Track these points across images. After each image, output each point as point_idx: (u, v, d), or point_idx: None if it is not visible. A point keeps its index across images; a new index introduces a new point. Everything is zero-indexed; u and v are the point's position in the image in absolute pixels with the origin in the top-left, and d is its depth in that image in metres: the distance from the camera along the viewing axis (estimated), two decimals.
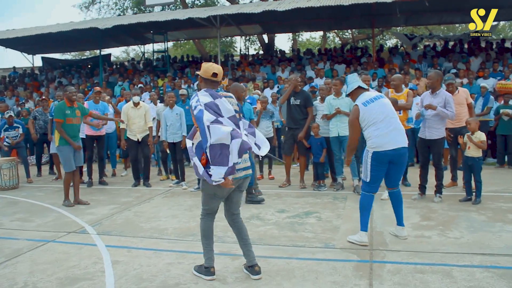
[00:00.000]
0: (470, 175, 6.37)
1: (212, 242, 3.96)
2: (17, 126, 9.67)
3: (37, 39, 17.24)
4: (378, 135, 4.49)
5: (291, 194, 7.22)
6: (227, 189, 3.72)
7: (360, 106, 4.60)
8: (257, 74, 14.87)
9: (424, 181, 6.66)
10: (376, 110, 4.55)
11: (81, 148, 7.14)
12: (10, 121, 9.57)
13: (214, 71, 3.76)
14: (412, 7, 14.41)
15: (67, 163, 7.02)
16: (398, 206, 4.82)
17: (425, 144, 6.57)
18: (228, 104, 3.66)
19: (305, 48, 22.75)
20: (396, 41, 25.03)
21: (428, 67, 14.14)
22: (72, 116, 7.06)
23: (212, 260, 3.91)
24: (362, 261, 4.15)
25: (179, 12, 16.80)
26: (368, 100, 4.61)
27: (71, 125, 7.04)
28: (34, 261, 4.52)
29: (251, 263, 3.89)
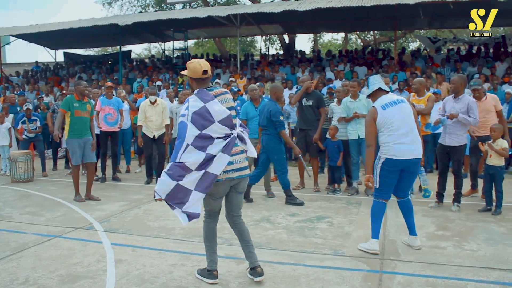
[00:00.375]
0: (491, 185, 6.09)
1: (215, 244, 3.86)
2: (35, 119, 9.72)
3: (59, 34, 17.42)
4: (394, 142, 4.31)
5: (304, 197, 7.03)
6: (222, 188, 3.67)
7: (378, 108, 4.41)
8: (276, 74, 14.73)
9: (442, 189, 6.40)
10: (394, 114, 4.35)
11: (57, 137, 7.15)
12: (28, 113, 9.62)
13: (203, 68, 3.63)
14: (436, 9, 14.09)
15: (74, 156, 7.02)
16: (408, 215, 4.62)
17: (444, 150, 6.30)
18: (219, 105, 3.56)
19: (326, 50, 22.51)
20: (419, 44, 24.57)
21: (451, 71, 13.80)
22: (81, 109, 7.04)
23: (215, 263, 3.80)
24: (371, 271, 3.98)
25: (199, 10, 16.76)
26: (387, 104, 4.41)
27: (80, 117, 7.02)
28: (38, 256, 4.48)
29: (253, 264, 3.78)
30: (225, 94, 3.72)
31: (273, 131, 6.57)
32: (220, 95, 3.66)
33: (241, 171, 3.69)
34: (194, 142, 3.46)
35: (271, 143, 6.63)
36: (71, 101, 7.02)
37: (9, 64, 28.56)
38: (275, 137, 6.60)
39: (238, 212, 3.88)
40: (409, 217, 4.61)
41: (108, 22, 15.86)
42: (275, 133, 6.57)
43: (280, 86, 6.90)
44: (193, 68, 3.64)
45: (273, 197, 7.18)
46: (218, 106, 3.55)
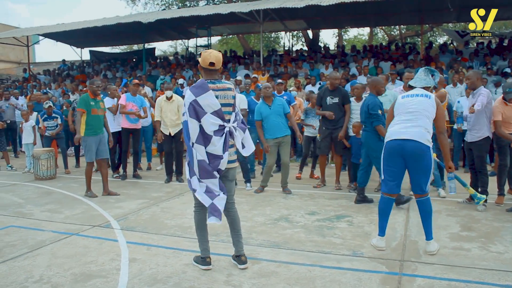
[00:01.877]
0: None
1: (206, 233, 4.08)
2: (56, 117, 9.80)
3: (84, 33, 17.67)
4: (392, 125, 4.45)
5: (324, 196, 6.91)
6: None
7: (398, 97, 4.66)
8: (299, 70, 14.57)
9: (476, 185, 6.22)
10: (407, 104, 4.43)
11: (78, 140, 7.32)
12: (49, 111, 9.72)
13: (211, 60, 3.78)
14: (464, 1, 13.66)
15: (88, 153, 7.13)
16: (424, 217, 4.33)
17: (468, 147, 6.33)
18: (212, 98, 3.70)
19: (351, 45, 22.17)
20: (446, 38, 23.96)
21: (480, 65, 13.37)
22: (97, 108, 7.14)
23: (207, 251, 4.03)
24: (390, 273, 3.82)
25: (222, 7, 16.71)
26: (408, 95, 4.52)
27: (97, 116, 7.12)
28: (54, 254, 4.48)
29: (239, 253, 4.02)
30: (226, 91, 3.84)
31: (371, 127, 6.22)
32: (221, 90, 3.81)
33: (230, 164, 3.92)
34: (197, 140, 3.74)
35: (370, 140, 6.27)
36: (87, 100, 7.11)
37: (38, 63, 29.19)
38: (373, 134, 6.24)
39: (231, 199, 4.06)
40: (425, 219, 4.32)
41: (131, 20, 15.96)
42: (373, 130, 6.22)
43: (379, 79, 6.57)
44: (203, 57, 3.81)
45: (290, 194, 7.07)
46: (211, 99, 3.70)
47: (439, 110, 4.38)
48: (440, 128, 4.42)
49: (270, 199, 6.75)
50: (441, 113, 4.39)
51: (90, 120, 7.04)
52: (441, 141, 4.44)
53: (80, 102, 7.18)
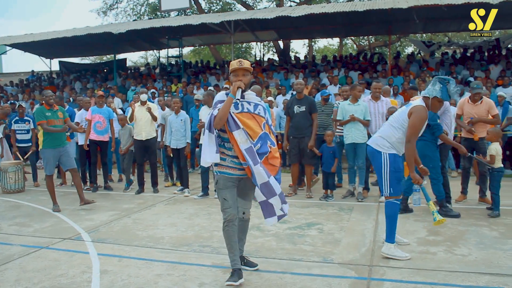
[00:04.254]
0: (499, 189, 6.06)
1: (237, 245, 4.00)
2: (28, 120, 9.61)
3: (54, 43, 17.46)
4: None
5: (295, 204, 6.99)
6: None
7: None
8: (270, 80, 14.71)
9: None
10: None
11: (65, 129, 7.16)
12: (21, 111, 9.53)
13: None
14: (429, 13, 14.09)
15: (47, 166, 7.04)
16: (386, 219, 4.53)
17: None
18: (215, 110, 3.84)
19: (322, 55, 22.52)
20: (414, 48, 24.61)
21: (446, 74, 13.79)
22: (54, 118, 7.04)
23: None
24: (359, 278, 3.91)
25: (193, 18, 16.76)
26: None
27: (54, 126, 7.01)
28: (23, 268, 4.41)
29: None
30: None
31: (429, 136, 6.07)
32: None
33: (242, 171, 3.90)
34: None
35: (427, 150, 6.11)
36: (43, 111, 7.01)
37: (5, 74, 28.56)
38: (431, 143, 6.15)
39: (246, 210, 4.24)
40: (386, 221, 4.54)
41: (102, 31, 15.86)
42: (431, 139, 6.11)
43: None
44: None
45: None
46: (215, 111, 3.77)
47: (410, 120, 4.39)
48: (406, 137, 4.41)
49: None
50: (410, 122, 4.37)
51: (47, 132, 6.96)
52: (405, 149, 4.44)
53: (36, 115, 7.05)
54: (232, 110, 3.73)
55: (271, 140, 3.86)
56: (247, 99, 3.85)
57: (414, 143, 4.39)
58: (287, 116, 7.67)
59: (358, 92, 7.31)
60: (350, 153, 7.27)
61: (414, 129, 4.35)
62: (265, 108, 3.96)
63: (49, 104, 7.07)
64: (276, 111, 10.86)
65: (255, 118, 3.81)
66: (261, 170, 3.67)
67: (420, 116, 4.35)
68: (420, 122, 4.36)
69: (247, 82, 3.81)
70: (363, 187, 7.32)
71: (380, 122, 7.25)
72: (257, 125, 3.77)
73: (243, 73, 3.79)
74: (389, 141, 4.45)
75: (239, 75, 3.78)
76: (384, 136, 4.51)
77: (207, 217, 6.32)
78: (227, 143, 3.83)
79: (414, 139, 4.38)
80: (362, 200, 7.09)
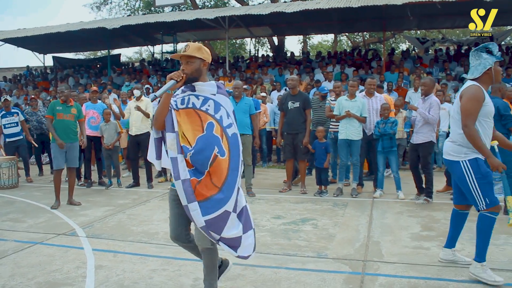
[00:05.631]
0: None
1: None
2: (15, 112, 9.52)
3: (47, 38, 17.36)
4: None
5: (290, 200, 7.02)
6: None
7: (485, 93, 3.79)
8: (264, 76, 14.71)
9: (419, 182, 6.84)
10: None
11: (63, 145, 6.90)
12: (6, 105, 9.44)
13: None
14: (424, 10, 14.12)
15: (55, 160, 6.97)
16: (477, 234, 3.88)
17: (413, 148, 6.82)
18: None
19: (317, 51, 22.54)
20: (408, 45, 24.67)
21: (440, 71, 13.86)
22: (64, 112, 7.00)
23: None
24: (353, 273, 3.94)
25: (187, 13, 16.72)
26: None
27: (62, 120, 6.96)
28: (17, 263, 4.40)
29: None
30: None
31: (504, 130, 5.71)
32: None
33: None
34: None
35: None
36: (54, 105, 7.02)
37: None
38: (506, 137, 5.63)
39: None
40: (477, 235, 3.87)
41: (96, 26, 15.78)
42: (506, 132, 5.77)
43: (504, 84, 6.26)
44: (208, 51, 3.19)
45: (254, 197, 7.24)
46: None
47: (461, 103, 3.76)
48: (462, 123, 3.71)
49: None
50: (462, 105, 3.73)
51: (55, 125, 6.94)
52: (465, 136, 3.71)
53: (48, 109, 7.15)
54: (176, 106, 3.06)
55: (221, 147, 3.01)
56: (198, 91, 3.10)
57: (472, 126, 3.63)
58: (281, 112, 7.68)
59: (350, 86, 7.29)
60: (343, 149, 7.26)
61: (467, 112, 3.65)
62: (221, 104, 3.12)
63: (62, 99, 7.04)
64: (270, 107, 10.88)
65: (198, 115, 3.04)
66: (182, 189, 2.90)
67: (471, 95, 3.67)
68: (471, 102, 3.65)
69: (191, 70, 3.05)
70: (357, 183, 7.35)
71: (374, 118, 7.28)
72: (197, 125, 3.00)
73: (186, 60, 3.06)
74: (462, 143, 3.78)
75: (183, 63, 3.08)
76: (454, 139, 3.88)
77: None
78: None
79: (471, 123, 3.63)
80: (356, 196, 7.12)
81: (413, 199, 6.79)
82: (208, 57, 3.15)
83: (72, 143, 7.05)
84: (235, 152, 3.09)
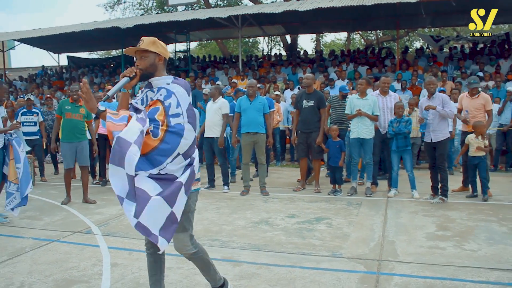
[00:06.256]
0: (475, 173, 6.76)
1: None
2: (36, 112, 9.67)
3: (62, 38, 17.54)
4: None
5: (304, 199, 7.01)
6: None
7: None
8: (278, 75, 14.71)
9: (436, 182, 6.77)
10: None
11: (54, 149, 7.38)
12: (29, 103, 9.60)
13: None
14: (438, 7, 14.00)
15: (64, 159, 7.12)
16: None
17: (430, 147, 6.75)
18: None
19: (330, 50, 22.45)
20: (422, 43, 24.46)
21: (454, 69, 13.73)
22: (72, 112, 7.08)
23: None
24: (368, 272, 3.93)
25: (200, 12, 16.77)
26: None
27: (70, 120, 7.06)
28: (35, 261, 4.46)
29: None
30: None
31: None
32: None
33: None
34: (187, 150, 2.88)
35: None
36: (63, 104, 7.14)
37: (13, 69, 28.72)
38: None
39: None
40: None
41: (109, 25, 15.92)
42: None
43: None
44: (164, 46, 3.06)
45: (268, 195, 7.28)
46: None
47: None
48: None
49: (251, 203, 6.82)
50: None
51: (63, 125, 7.07)
52: None
53: (57, 108, 7.27)
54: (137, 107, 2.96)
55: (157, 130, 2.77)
56: (154, 86, 2.94)
57: None
58: (296, 110, 7.69)
59: (359, 85, 7.28)
60: (356, 148, 7.23)
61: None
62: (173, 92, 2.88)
63: (73, 98, 7.13)
64: (283, 106, 10.87)
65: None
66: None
67: None
68: None
69: (146, 66, 2.92)
70: (371, 182, 7.32)
71: (388, 117, 7.24)
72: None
73: (140, 55, 2.94)
74: None
75: (138, 58, 2.96)
76: None
77: (216, 211, 6.36)
78: None
79: None
80: (370, 195, 7.09)
81: (428, 198, 6.74)
82: (164, 51, 3.02)
83: (81, 142, 7.14)
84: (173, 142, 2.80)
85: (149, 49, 2.92)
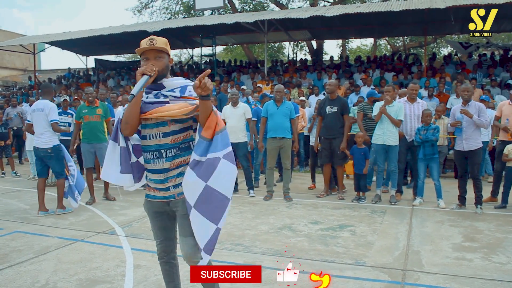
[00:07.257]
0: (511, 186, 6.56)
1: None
2: (71, 113, 9.86)
3: (90, 41, 17.89)
4: None
5: (327, 205, 6.95)
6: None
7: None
8: (303, 80, 14.65)
9: (464, 192, 6.65)
10: None
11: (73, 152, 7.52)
12: (65, 105, 9.79)
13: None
14: (467, 13, 13.69)
15: (84, 160, 7.47)
16: None
17: (462, 155, 6.57)
18: None
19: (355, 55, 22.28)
20: (450, 49, 24.06)
21: (484, 77, 13.44)
22: (89, 114, 7.28)
23: None
24: (393, 282, 3.85)
25: (227, 17, 16.86)
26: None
27: (88, 122, 7.28)
28: (60, 259, 4.53)
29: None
30: None
31: None
32: None
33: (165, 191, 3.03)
34: None
35: None
36: (81, 109, 7.37)
37: (43, 71, 29.41)
38: None
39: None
40: None
41: (137, 29, 16.13)
42: None
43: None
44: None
45: (291, 201, 7.24)
46: None
47: None
48: None
49: (274, 208, 6.79)
50: None
51: (83, 127, 7.34)
52: None
53: (76, 113, 7.56)
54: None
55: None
56: (168, 87, 2.76)
57: None
58: (319, 116, 7.63)
59: (386, 91, 7.17)
60: (380, 155, 7.12)
61: None
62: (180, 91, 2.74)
63: (89, 101, 7.30)
64: (308, 111, 10.80)
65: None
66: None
67: None
68: None
69: (162, 67, 2.74)
70: (396, 190, 7.20)
71: (415, 124, 7.13)
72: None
73: (156, 55, 2.74)
74: None
75: (151, 58, 2.73)
76: None
77: (239, 215, 6.35)
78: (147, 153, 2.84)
79: None
80: (395, 203, 6.98)
81: (454, 208, 6.61)
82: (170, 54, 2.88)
83: (101, 143, 7.30)
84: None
85: (164, 50, 2.76)
